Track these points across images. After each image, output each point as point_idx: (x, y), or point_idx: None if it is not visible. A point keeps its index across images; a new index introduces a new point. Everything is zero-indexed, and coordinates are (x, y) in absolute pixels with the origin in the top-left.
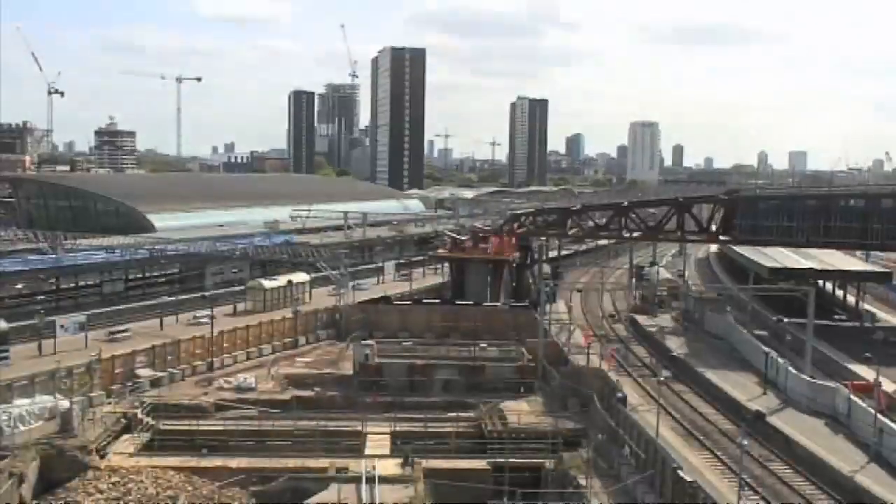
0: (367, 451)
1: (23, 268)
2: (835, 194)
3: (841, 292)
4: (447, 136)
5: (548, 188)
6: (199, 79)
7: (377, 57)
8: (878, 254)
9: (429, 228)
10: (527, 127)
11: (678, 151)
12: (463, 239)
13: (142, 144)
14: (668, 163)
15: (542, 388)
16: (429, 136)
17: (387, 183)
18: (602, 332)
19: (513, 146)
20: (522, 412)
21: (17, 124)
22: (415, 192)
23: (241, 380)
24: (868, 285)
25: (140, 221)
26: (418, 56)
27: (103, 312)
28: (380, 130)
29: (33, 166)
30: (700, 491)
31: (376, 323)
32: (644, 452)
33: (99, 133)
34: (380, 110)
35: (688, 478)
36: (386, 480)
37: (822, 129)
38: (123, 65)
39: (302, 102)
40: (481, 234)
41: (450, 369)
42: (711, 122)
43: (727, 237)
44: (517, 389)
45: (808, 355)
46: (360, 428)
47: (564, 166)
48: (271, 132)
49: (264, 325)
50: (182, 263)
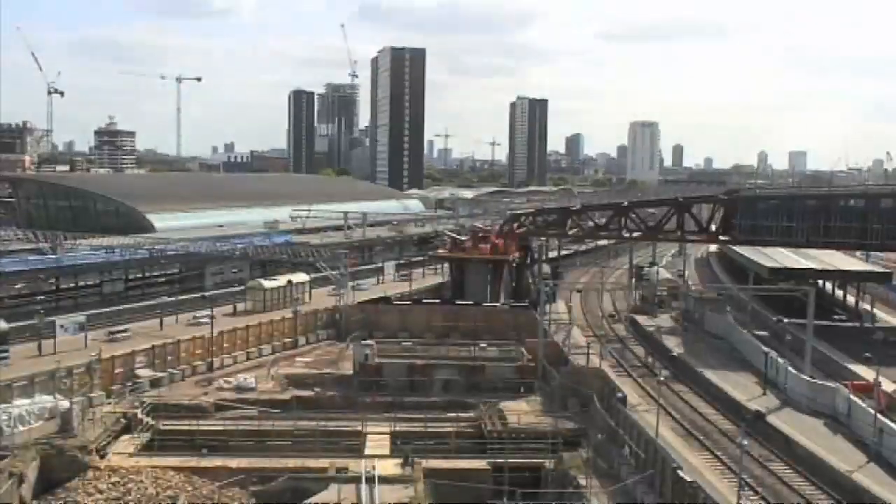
0: (367, 451)
1: (23, 268)
2: (834, 194)
3: (841, 292)
4: (447, 136)
5: (547, 188)
6: (199, 79)
7: (377, 57)
8: (877, 254)
9: (429, 228)
10: (526, 127)
11: (678, 151)
12: (463, 239)
13: (142, 144)
14: (668, 163)
15: (542, 388)
16: (429, 135)
17: (387, 183)
18: (602, 332)
19: (512, 146)
20: (522, 412)
21: (17, 124)
22: (415, 192)
23: (241, 380)
24: (868, 285)
25: (140, 221)
26: (418, 56)
27: (103, 312)
28: (380, 130)
29: (33, 166)
30: (700, 491)
31: (376, 323)
32: (644, 452)
33: (99, 133)
34: (380, 110)
35: (688, 478)
36: (386, 480)
37: (822, 129)
38: (121, 65)
39: (302, 102)
40: (481, 235)
41: (450, 369)
42: (711, 122)
43: (727, 237)
44: (517, 389)
45: (808, 355)
46: (360, 428)
47: (564, 166)
48: (271, 132)
49: (264, 325)
50: (182, 263)
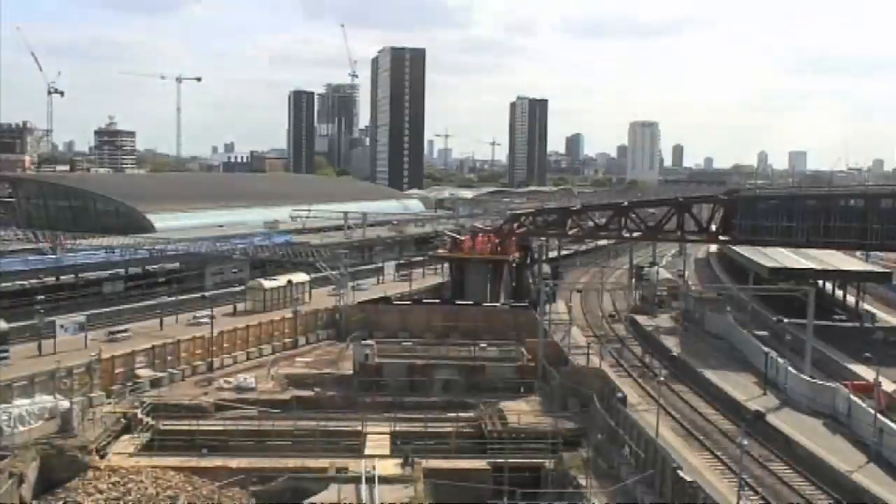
0: (367, 451)
1: (23, 268)
2: (834, 194)
3: (841, 292)
4: (447, 136)
5: (547, 188)
6: (199, 79)
7: (377, 57)
8: (877, 254)
9: (429, 228)
10: (526, 127)
11: (678, 151)
12: (463, 239)
13: (142, 144)
14: (668, 163)
15: (542, 388)
16: (429, 135)
17: (387, 183)
18: (602, 332)
19: (512, 146)
20: (522, 412)
21: (17, 124)
22: (415, 192)
23: (241, 380)
24: (868, 285)
25: (140, 221)
26: (418, 56)
27: (103, 312)
28: (380, 130)
29: (33, 166)
30: (700, 491)
31: (376, 323)
32: (644, 452)
33: (99, 133)
34: (380, 110)
35: (688, 478)
36: (386, 480)
37: (822, 130)
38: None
39: (302, 102)
40: (481, 234)
41: (450, 369)
42: (711, 122)
43: (727, 237)
44: (517, 389)
45: (808, 355)
46: (360, 428)
47: (564, 166)
48: (271, 132)
49: (264, 325)
50: (182, 263)
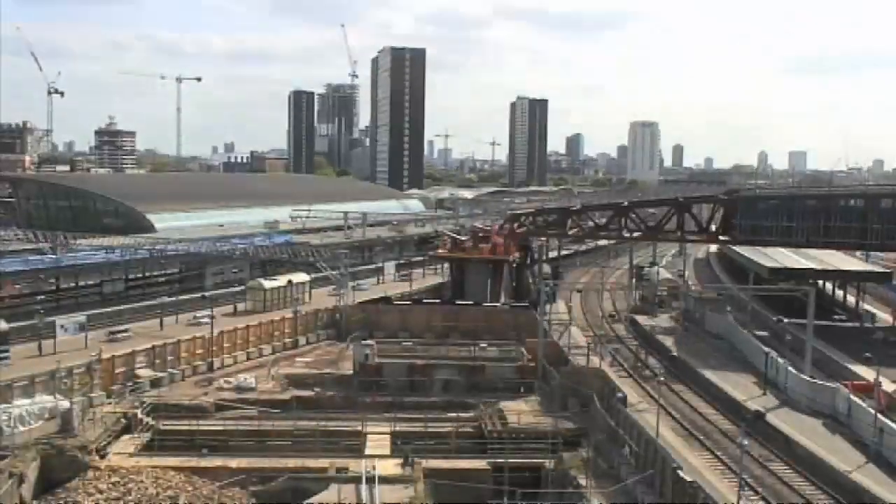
0: (367, 451)
1: (23, 268)
2: (834, 194)
3: (841, 292)
4: (447, 136)
5: (547, 188)
6: (199, 79)
7: (377, 57)
8: (877, 254)
9: (429, 228)
10: (526, 127)
11: (678, 151)
12: (463, 239)
13: (142, 144)
14: (668, 163)
15: (542, 388)
16: (429, 135)
17: (387, 183)
18: (602, 332)
19: (513, 146)
20: (522, 412)
21: (17, 124)
22: (415, 192)
23: (241, 380)
24: (868, 285)
25: (140, 221)
26: (418, 56)
27: (103, 312)
28: (380, 130)
29: (33, 166)
30: (700, 491)
31: (376, 323)
32: (644, 452)
33: (99, 133)
34: (380, 110)
35: (688, 478)
36: (386, 480)
37: (822, 129)
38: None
39: (302, 102)
40: (481, 234)
41: (450, 369)
42: (711, 122)
43: (727, 237)
44: (517, 389)
45: (808, 355)
46: (360, 428)
47: (564, 166)
48: (271, 132)
49: (264, 325)
50: (182, 263)
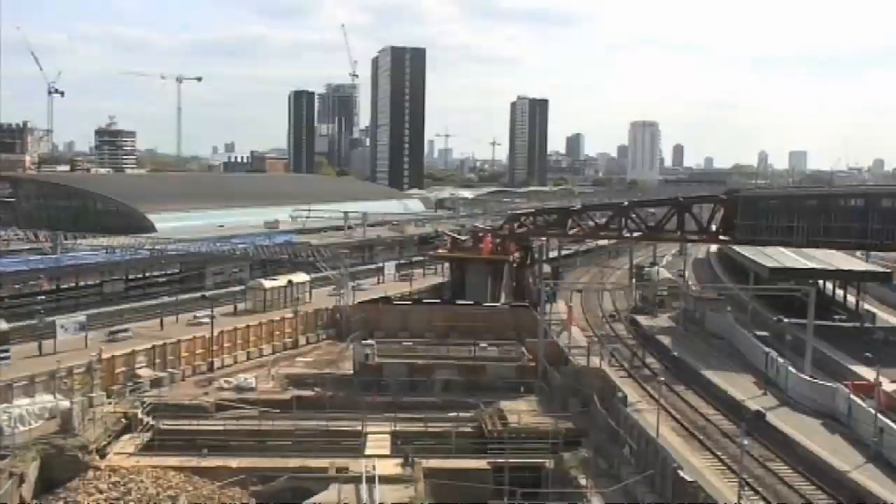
0: (367, 451)
1: (23, 268)
2: (834, 194)
3: (841, 292)
4: (447, 136)
5: (548, 188)
6: (200, 78)
7: (377, 57)
8: (878, 254)
9: (429, 228)
10: (527, 127)
11: (678, 151)
12: (463, 239)
13: (142, 144)
14: (668, 163)
15: (542, 388)
16: (429, 135)
17: (387, 183)
18: (602, 332)
19: (513, 146)
20: (522, 412)
21: (17, 124)
22: (415, 192)
23: (241, 380)
24: (868, 285)
25: (140, 221)
26: (418, 56)
27: (103, 312)
28: (380, 130)
29: (33, 166)
30: (700, 491)
31: (376, 323)
32: (644, 452)
33: (99, 133)
34: (380, 110)
35: (688, 478)
36: (386, 480)
37: (822, 129)
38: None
39: (302, 102)
40: (481, 235)
41: (450, 369)
42: (711, 122)
43: (727, 237)
44: (517, 389)
45: (808, 355)
46: (360, 428)
47: (564, 166)
48: (271, 132)
49: (264, 325)
50: (182, 263)
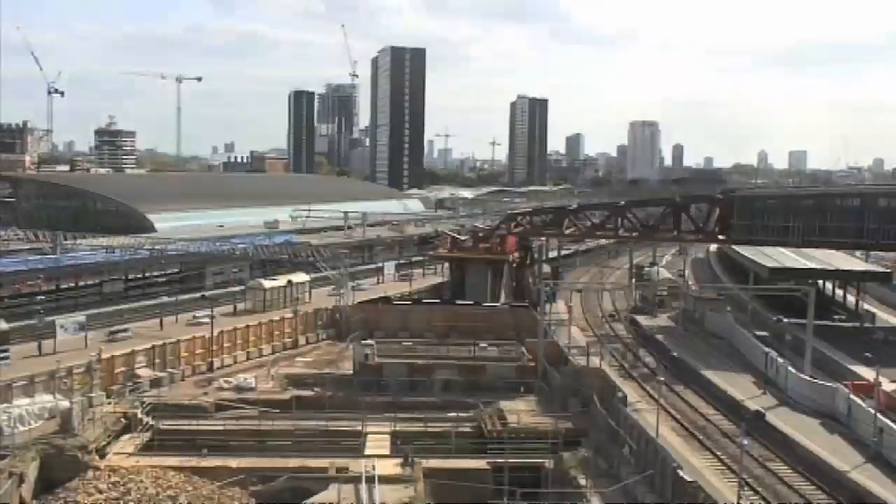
0: (367, 451)
1: (23, 268)
2: (830, 193)
3: (841, 292)
4: (447, 136)
5: (547, 188)
6: (200, 78)
7: (377, 57)
8: (878, 254)
9: (429, 228)
10: (526, 127)
11: (678, 151)
12: (463, 239)
13: (142, 144)
14: (668, 163)
15: (542, 388)
16: (428, 135)
17: (387, 183)
18: (602, 332)
19: (513, 146)
20: (522, 412)
21: (17, 124)
22: (415, 192)
23: (241, 380)
24: (868, 285)
25: (140, 221)
26: (418, 56)
27: (103, 312)
28: (380, 130)
29: (33, 166)
30: (700, 491)
31: (376, 323)
32: (644, 452)
33: (99, 133)
34: (380, 110)
35: (688, 478)
36: (386, 480)
37: (822, 129)
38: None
39: (302, 102)
40: (481, 234)
41: (449, 369)
42: (711, 122)
43: (723, 237)
44: (517, 389)
45: (808, 355)
46: (360, 428)
47: (564, 166)
48: (271, 132)
49: (264, 325)
50: (182, 263)
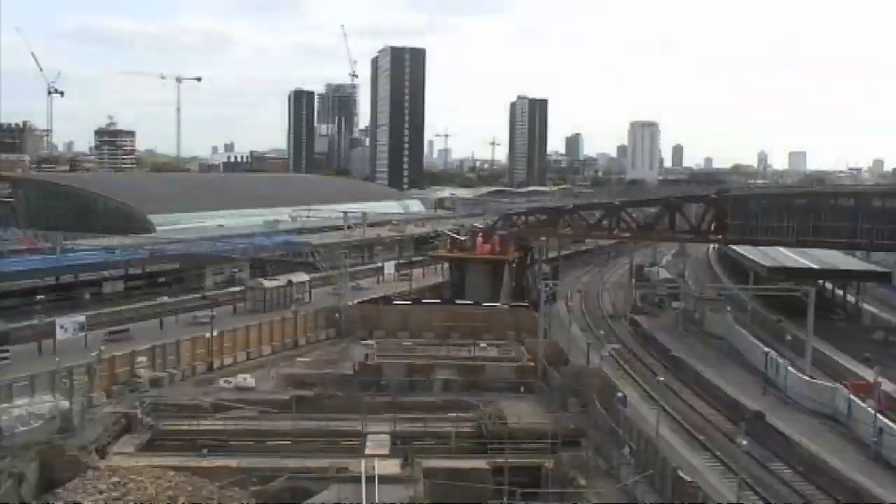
0: (367, 451)
1: (23, 268)
2: (825, 193)
3: (841, 292)
4: (447, 136)
5: (547, 188)
6: (199, 78)
7: (377, 57)
8: (878, 253)
9: (429, 228)
10: (526, 127)
11: (678, 151)
12: (463, 239)
13: (141, 144)
14: (668, 163)
15: (542, 389)
16: (429, 135)
17: (387, 183)
18: (602, 332)
19: (512, 146)
20: (522, 412)
21: (17, 124)
22: (415, 192)
23: (241, 380)
24: (868, 285)
25: (140, 221)
26: (418, 56)
27: (103, 312)
28: (380, 130)
29: (33, 166)
30: (700, 491)
31: (376, 323)
32: (644, 452)
33: (99, 133)
34: (380, 110)
35: (688, 478)
36: (386, 480)
37: (821, 129)
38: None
39: (302, 102)
40: (480, 235)
41: (449, 369)
42: (711, 122)
43: (718, 237)
44: (517, 389)
45: (807, 355)
46: (360, 428)
47: (564, 166)
48: (271, 132)
49: (264, 325)
50: (182, 263)
